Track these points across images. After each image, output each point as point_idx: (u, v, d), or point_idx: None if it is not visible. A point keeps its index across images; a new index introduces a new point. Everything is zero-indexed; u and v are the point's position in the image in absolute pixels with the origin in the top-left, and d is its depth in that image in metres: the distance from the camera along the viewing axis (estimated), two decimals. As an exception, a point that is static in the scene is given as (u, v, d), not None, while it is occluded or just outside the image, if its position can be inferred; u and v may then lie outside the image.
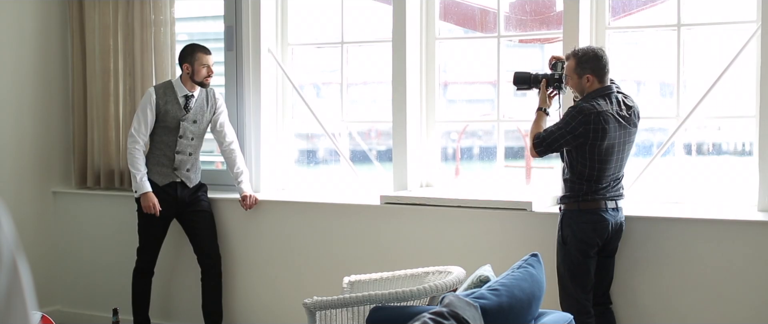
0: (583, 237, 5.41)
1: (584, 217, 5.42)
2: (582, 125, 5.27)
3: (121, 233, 7.41)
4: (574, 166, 5.44)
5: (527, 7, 6.51)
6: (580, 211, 5.44)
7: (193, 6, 7.65)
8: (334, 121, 7.10)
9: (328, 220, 6.74)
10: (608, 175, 5.41)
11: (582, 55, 5.40)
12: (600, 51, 5.42)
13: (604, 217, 5.42)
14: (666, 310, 5.72)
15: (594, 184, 5.40)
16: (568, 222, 5.47)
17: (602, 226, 5.42)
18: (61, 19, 7.69)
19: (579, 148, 5.36)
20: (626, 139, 5.42)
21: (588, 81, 5.39)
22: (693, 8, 5.97)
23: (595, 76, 5.38)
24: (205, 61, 6.60)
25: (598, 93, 5.37)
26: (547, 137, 5.38)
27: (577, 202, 5.44)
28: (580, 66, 5.39)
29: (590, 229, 5.42)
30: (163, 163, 6.71)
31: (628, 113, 5.41)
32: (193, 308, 7.13)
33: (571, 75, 5.45)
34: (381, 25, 6.90)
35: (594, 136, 5.27)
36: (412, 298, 4.80)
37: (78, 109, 7.63)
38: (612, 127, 5.30)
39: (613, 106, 5.34)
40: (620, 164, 5.47)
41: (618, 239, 5.60)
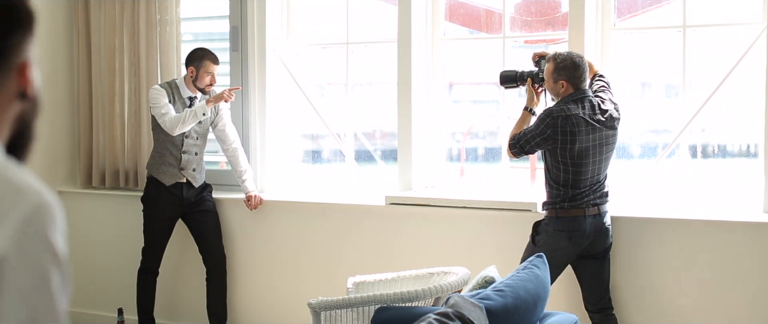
0: (556, 245, 5.44)
1: (561, 226, 5.46)
2: (550, 128, 5.37)
3: (126, 233, 7.42)
4: (551, 171, 5.52)
5: (533, 8, 6.50)
6: (557, 219, 5.48)
7: (198, 6, 7.66)
8: (339, 121, 7.10)
9: (333, 220, 6.74)
10: (585, 179, 5.44)
11: (560, 61, 5.47)
12: (578, 59, 5.48)
13: (583, 226, 5.44)
14: (670, 313, 5.71)
15: (571, 189, 5.44)
16: (545, 227, 5.52)
17: (579, 234, 5.44)
18: (66, 18, 7.69)
19: (552, 153, 5.44)
20: (602, 142, 5.46)
21: (563, 87, 5.47)
22: (698, 9, 5.97)
23: (569, 83, 5.46)
24: (211, 69, 6.58)
25: (570, 98, 5.44)
26: (520, 138, 5.50)
27: (556, 209, 5.49)
28: (556, 71, 5.47)
29: (565, 238, 5.45)
30: (169, 162, 6.70)
31: (603, 117, 5.45)
32: (197, 308, 7.13)
33: (548, 78, 5.54)
34: (386, 25, 6.90)
35: (563, 138, 5.35)
36: (417, 299, 4.80)
37: (83, 108, 7.63)
38: (582, 130, 5.37)
39: (584, 110, 5.41)
40: (598, 168, 5.48)
41: (603, 242, 5.56)
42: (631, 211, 5.92)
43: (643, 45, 6.39)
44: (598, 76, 5.73)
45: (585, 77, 5.49)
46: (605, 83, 5.66)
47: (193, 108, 6.54)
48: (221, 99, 6.56)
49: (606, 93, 5.59)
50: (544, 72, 5.58)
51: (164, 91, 6.61)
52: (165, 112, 6.52)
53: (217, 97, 6.56)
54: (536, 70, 5.69)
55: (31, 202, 1.48)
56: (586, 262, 5.60)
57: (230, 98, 6.59)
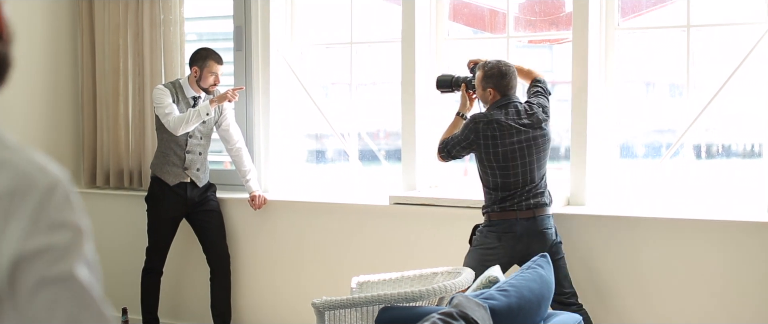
0: (487, 246, 5.54)
1: (492, 227, 5.57)
2: (473, 133, 5.54)
3: (130, 233, 7.42)
4: (481, 176, 5.67)
5: (536, 7, 6.50)
6: (490, 221, 5.60)
7: (202, 6, 7.66)
8: (343, 121, 7.10)
9: (337, 220, 6.75)
10: (514, 181, 5.53)
11: (488, 70, 5.64)
12: (505, 68, 5.63)
13: (513, 229, 5.51)
14: (672, 313, 5.71)
15: (501, 192, 5.55)
16: (481, 229, 5.64)
17: (509, 236, 5.52)
18: (70, 19, 7.70)
19: (478, 158, 5.61)
20: (529, 144, 5.55)
21: (490, 94, 5.63)
22: (703, 9, 5.96)
23: (496, 90, 5.62)
24: (215, 69, 6.58)
25: (496, 104, 5.60)
26: (448, 143, 5.68)
27: (489, 213, 5.62)
28: (484, 79, 5.64)
29: (495, 239, 5.54)
30: (174, 162, 6.71)
31: (528, 119, 5.56)
32: (202, 307, 7.14)
33: (477, 86, 5.70)
34: (390, 25, 6.90)
35: (485, 143, 5.51)
36: (421, 299, 4.80)
37: (87, 108, 7.64)
38: (505, 133, 5.50)
39: (508, 115, 5.54)
40: (529, 169, 5.56)
41: (541, 244, 5.52)
42: (635, 211, 5.92)
43: (647, 45, 6.39)
44: (536, 81, 5.81)
45: (512, 85, 5.63)
46: (541, 88, 5.76)
47: (197, 108, 6.54)
48: (225, 99, 6.57)
49: (538, 97, 5.70)
50: (475, 80, 5.72)
51: (168, 91, 6.61)
52: (169, 112, 6.53)
53: (221, 97, 6.56)
54: (471, 77, 5.83)
55: (40, 187, 1.50)
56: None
57: (234, 98, 6.60)
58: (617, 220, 5.87)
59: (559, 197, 6.12)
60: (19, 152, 1.54)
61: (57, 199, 1.51)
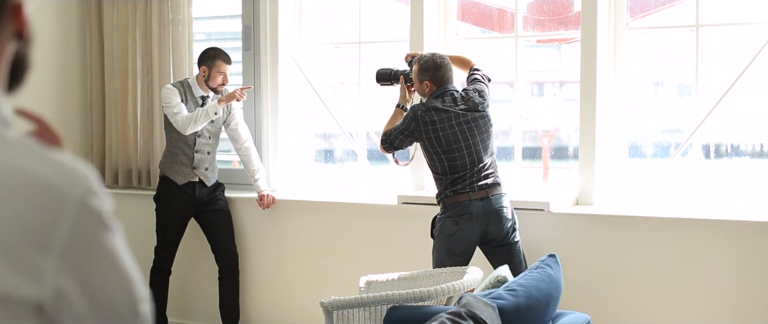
0: (447, 233, 5.63)
1: (448, 212, 5.66)
2: (412, 121, 5.67)
3: (138, 232, 7.43)
4: (428, 165, 5.81)
5: (545, 7, 6.50)
6: (445, 207, 5.69)
7: (211, 5, 7.67)
8: (352, 120, 7.10)
9: (346, 219, 6.75)
10: (461, 164, 5.65)
11: (423, 64, 5.78)
12: (439, 60, 5.78)
13: (469, 210, 5.59)
14: (679, 313, 5.70)
15: (449, 176, 5.66)
16: (439, 218, 5.73)
17: (465, 218, 5.59)
18: (79, 18, 7.71)
19: (424, 147, 5.74)
20: (470, 126, 5.68)
21: (427, 86, 5.77)
22: (711, 9, 5.95)
23: (432, 82, 5.76)
24: (224, 69, 6.59)
25: (433, 95, 5.73)
26: (390, 134, 5.79)
27: (443, 199, 5.70)
28: (420, 72, 5.78)
29: (452, 224, 5.62)
30: (182, 162, 6.71)
31: (465, 105, 5.69)
32: (210, 307, 7.14)
33: (415, 80, 5.83)
34: (399, 24, 6.90)
35: (425, 129, 5.63)
36: (430, 298, 4.80)
37: (96, 108, 7.65)
38: (443, 117, 5.63)
39: (445, 102, 5.67)
40: (475, 150, 5.67)
41: (499, 225, 5.64)
42: (643, 211, 5.91)
43: (655, 44, 6.38)
44: (474, 69, 5.94)
45: (447, 76, 5.77)
46: (479, 75, 5.88)
47: (205, 107, 6.55)
48: (233, 98, 6.57)
49: (475, 84, 5.83)
50: (412, 74, 5.85)
51: (176, 90, 6.62)
52: (177, 112, 6.53)
53: (229, 96, 6.57)
54: (408, 70, 5.95)
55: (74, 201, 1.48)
56: (494, 250, 5.71)
57: (242, 97, 6.60)
58: (626, 219, 5.86)
59: (567, 197, 6.12)
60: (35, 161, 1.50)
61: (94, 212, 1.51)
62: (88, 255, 1.47)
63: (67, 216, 1.45)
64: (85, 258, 1.46)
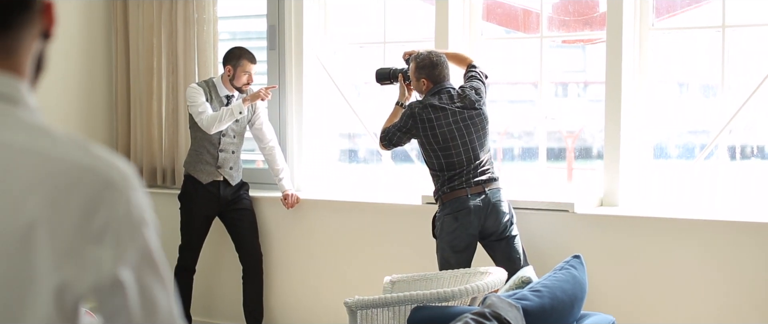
0: (448, 230, 5.71)
1: (446, 209, 5.74)
2: (410, 119, 5.76)
3: (163, 230, 7.32)
4: (426, 162, 5.88)
5: (570, 7, 6.48)
6: (443, 204, 5.77)
7: (236, 4, 7.68)
8: (376, 120, 7.10)
9: (370, 219, 6.75)
10: (458, 161, 5.73)
11: (420, 61, 5.87)
12: (436, 58, 5.86)
13: (466, 205, 5.66)
14: (702, 314, 5.68)
15: (446, 172, 5.75)
16: (439, 216, 5.81)
17: (464, 213, 5.66)
18: (105, 18, 7.74)
19: (421, 144, 5.83)
20: (467, 123, 5.76)
21: (424, 84, 5.87)
22: (738, 9, 5.93)
23: (429, 80, 5.85)
24: (249, 68, 6.60)
25: (430, 92, 5.81)
26: (388, 132, 5.88)
27: (440, 196, 5.79)
28: (417, 70, 5.88)
29: (452, 220, 5.69)
30: (207, 161, 6.73)
31: (461, 102, 5.77)
32: (234, 306, 7.16)
33: (412, 78, 5.92)
34: (423, 24, 6.89)
35: (423, 127, 5.72)
36: (454, 299, 4.80)
37: (121, 106, 7.68)
38: (440, 115, 5.71)
39: (442, 99, 5.75)
40: (471, 148, 5.75)
41: (497, 220, 5.71)
42: (668, 212, 5.90)
43: (681, 45, 6.36)
44: (471, 66, 6.00)
45: (444, 74, 5.86)
46: (476, 72, 5.94)
47: (230, 106, 6.56)
48: (258, 97, 6.59)
49: (471, 81, 5.90)
50: (409, 71, 5.93)
51: (201, 89, 6.64)
52: (202, 111, 6.55)
53: (254, 95, 6.58)
54: (406, 68, 6.02)
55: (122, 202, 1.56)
56: (494, 245, 5.78)
57: (267, 97, 6.62)
58: (650, 221, 5.85)
59: (592, 197, 6.11)
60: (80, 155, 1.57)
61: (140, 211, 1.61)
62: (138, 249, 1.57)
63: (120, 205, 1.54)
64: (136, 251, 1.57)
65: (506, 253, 5.70)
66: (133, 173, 1.58)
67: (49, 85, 7.41)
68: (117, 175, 1.54)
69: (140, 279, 1.56)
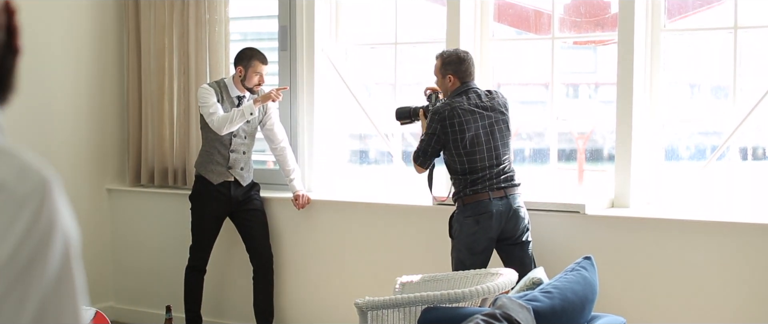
0: (468, 232, 5.68)
1: (468, 212, 5.70)
2: (439, 124, 5.66)
3: (174, 231, 7.47)
4: (448, 164, 5.83)
5: (582, 8, 6.48)
6: (464, 206, 5.72)
7: (247, 5, 7.69)
8: (387, 121, 7.10)
9: (381, 220, 6.75)
10: (482, 166, 5.68)
11: (446, 58, 5.80)
12: (464, 54, 5.81)
13: (489, 208, 5.64)
14: (718, 316, 5.67)
15: (469, 176, 5.69)
16: (457, 217, 5.77)
17: (486, 217, 5.63)
18: (117, 19, 7.76)
19: (446, 147, 5.72)
20: (493, 127, 5.72)
21: (450, 81, 5.77)
22: (750, 10, 5.91)
23: (456, 77, 5.76)
24: (260, 69, 6.61)
25: (456, 92, 5.74)
26: (419, 149, 5.81)
27: (462, 198, 5.73)
28: (443, 66, 5.79)
29: (473, 223, 5.66)
30: (217, 161, 6.74)
31: (490, 103, 5.72)
32: (244, 306, 7.16)
33: (437, 74, 5.83)
34: (435, 25, 6.89)
35: (452, 130, 5.64)
36: (464, 300, 4.80)
37: (133, 107, 7.70)
38: (469, 118, 5.65)
39: (470, 100, 5.68)
40: (494, 153, 5.72)
41: (516, 225, 5.71)
42: (680, 214, 5.88)
43: (692, 46, 6.34)
44: None
45: (471, 71, 5.79)
46: None
47: (241, 108, 6.57)
48: (269, 99, 6.59)
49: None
50: (434, 69, 5.85)
51: (213, 90, 6.65)
52: (213, 112, 6.56)
53: (265, 96, 6.59)
54: (427, 104, 5.95)
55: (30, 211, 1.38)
56: (508, 249, 5.77)
57: (278, 98, 6.62)
58: (662, 222, 5.84)
59: (603, 199, 6.10)
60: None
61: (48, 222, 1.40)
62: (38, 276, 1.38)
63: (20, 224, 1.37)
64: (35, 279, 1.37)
65: (519, 258, 5.68)
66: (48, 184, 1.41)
67: (61, 85, 7.44)
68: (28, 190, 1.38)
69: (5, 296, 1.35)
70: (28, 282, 1.37)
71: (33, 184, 1.39)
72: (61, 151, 7.42)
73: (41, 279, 1.38)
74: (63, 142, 7.46)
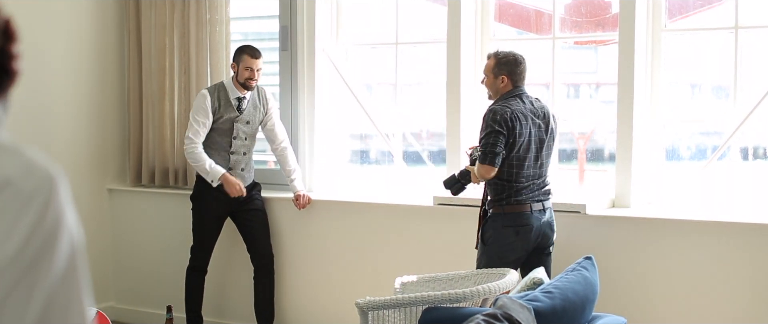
0: (504, 241, 5.51)
1: (507, 221, 5.52)
2: (499, 125, 5.41)
3: (174, 231, 7.46)
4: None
5: (583, 8, 6.48)
6: (504, 215, 5.54)
7: (248, 5, 7.69)
8: (388, 121, 7.10)
9: (381, 220, 6.75)
10: (527, 175, 5.51)
11: (502, 57, 5.60)
12: (520, 57, 5.61)
13: (529, 221, 5.50)
14: (719, 317, 5.67)
15: (514, 184, 5.50)
16: (493, 225, 5.56)
17: (526, 229, 5.50)
18: (117, 18, 7.76)
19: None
20: (542, 138, 5.55)
21: (502, 82, 5.57)
22: (751, 10, 5.91)
23: (509, 78, 5.57)
24: (249, 63, 6.62)
25: (509, 94, 5.55)
26: (486, 153, 5.44)
27: (502, 205, 5.54)
28: (497, 67, 5.58)
29: (512, 234, 5.50)
30: (218, 163, 6.72)
31: (541, 111, 5.57)
32: (246, 306, 7.16)
33: (488, 74, 5.63)
34: (436, 25, 6.89)
35: (510, 134, 5.42)
36: (465, 300, 4.80)
37: (134, 107, 7.70)
38: (524, 124, 5.47)
39: (525, 105, 5.52)
40: (540, 164, 5.57)
41: (550, 237, 5.63)
42: (680, 214, 5.88)
43: (693, 46, 6.34)
44: None
45: (525, 75, 5.62)
46: None
47: (211, 173, 6.67)
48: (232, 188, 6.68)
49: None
50: (485, 68, 5.66)
51: (208, 96, 6.68)
52: (194, 134, 6.69)
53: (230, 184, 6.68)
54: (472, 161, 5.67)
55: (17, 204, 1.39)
56: (535, 258, 5.60)
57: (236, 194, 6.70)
58: (662, 222, 5.84)
59: (603, 199, 6.10)
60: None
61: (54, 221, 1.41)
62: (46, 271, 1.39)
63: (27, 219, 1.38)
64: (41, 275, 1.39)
65: (545, 266, 5.58)
66: (54, 181, 1.42)
67: (62, 85, 7.44)
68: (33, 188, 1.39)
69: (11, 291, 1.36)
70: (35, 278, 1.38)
71: (40, 180, 1.40)
72: (61, 151, 7.42)
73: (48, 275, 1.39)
74: (63, 142, 7.46)
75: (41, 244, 1.38)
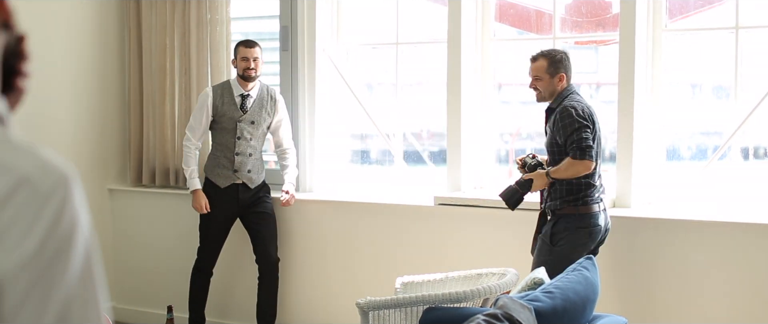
0: (578, 242, 5.33)
1: (582, 222, 5.35)
2: (586, 120, 5.28)
3: (175, 231, 7.47)
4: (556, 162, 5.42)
5: (583, 8, 6.48)
6: (579, 216, 5.36)
7: (248, 5, 7.69)
8: (388, 121, 7.10)
9: (382, 220, 6.75)
10: (595, 172, 5.38)
11: (555, 55, 5.45)
12: (567, 53, 5.51)
13: (598, 222, 5.38)
14: (720, 316, 5.67)
15: (591, 182, 5.36)
16: (567, 226, 5.35)
17: (597, 231, 5.38)
18: (118, 18, 7.76)
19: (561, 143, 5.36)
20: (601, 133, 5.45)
21: (560, 80, 5.44)
22: (751, 10, 5.91)
23: (567, 75, 5.45)
24: (244, 53, 6.64)
25: (568, 91, 5.44)
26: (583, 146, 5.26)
27: (576, 205, 5.37)
28: (553, 66, 5.43)
29: (586, 235, 5.35)
30: (223, 165, 6.72)
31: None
32: (248, 307, 7.15)
33: (543, 75, 5.46)
34: (436, 25, 6.89)
35: (593, 128, 5.31)
36: (466, 300, 4.80)
37: (134, 107, 7.70)
38: (597, 120, 5.38)
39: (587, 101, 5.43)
40: (600, 159, 5.45)
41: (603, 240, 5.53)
42: (681, 214, 5.88)
43: (693, 46, 6.34)
44: None
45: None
46: None
47: (189, 178, 6.81)
48: (197, 204, 6.80)
49: None
50: (534, 70, 5.48)
51: (210, 95, 6.70)
52: (192, 126, 6.80)
53: (195, 201, 6.81)
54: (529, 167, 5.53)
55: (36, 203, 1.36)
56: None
57: (202, 211, 6.79)
58: (663, 222, 5.84)
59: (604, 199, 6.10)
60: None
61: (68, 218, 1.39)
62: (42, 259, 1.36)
63: (32, 206, 1.36)
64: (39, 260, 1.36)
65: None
66: (69, 181, 1.41)
67: (62, 85, 7.43)
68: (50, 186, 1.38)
69: (29, 291, 1.34)
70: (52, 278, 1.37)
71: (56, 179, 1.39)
72: (62, 151, 7.41)
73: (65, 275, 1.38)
74: (64, 142, 7.46)
75: (59, 243, 1.37)
